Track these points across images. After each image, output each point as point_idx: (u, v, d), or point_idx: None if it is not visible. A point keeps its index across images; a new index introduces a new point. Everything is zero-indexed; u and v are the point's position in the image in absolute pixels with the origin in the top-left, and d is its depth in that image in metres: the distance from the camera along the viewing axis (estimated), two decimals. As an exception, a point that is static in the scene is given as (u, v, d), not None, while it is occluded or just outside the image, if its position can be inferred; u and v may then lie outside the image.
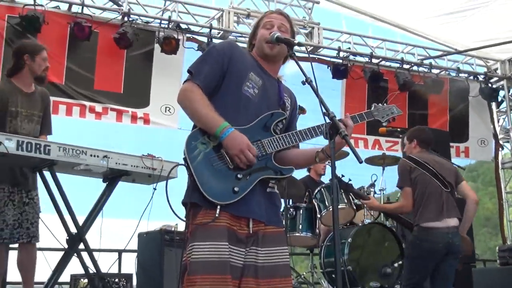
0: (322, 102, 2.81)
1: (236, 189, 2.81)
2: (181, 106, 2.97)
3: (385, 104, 3.37)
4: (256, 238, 2.87)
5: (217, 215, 2.76)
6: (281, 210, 3.95)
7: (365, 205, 6.34)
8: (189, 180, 2.86)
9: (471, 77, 10.25)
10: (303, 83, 2.90)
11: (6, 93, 4.81)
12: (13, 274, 5.24)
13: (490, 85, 10.26)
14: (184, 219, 2.92)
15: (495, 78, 10.50)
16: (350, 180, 6.05)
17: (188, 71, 2.98)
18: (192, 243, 2.79)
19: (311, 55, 9.15)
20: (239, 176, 2.83)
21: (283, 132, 3.08)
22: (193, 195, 2.81)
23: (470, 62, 10.33)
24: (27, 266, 4.85)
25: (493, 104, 10.57)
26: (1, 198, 4.69)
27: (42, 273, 4.97)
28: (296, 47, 7.99)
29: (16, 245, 4.97)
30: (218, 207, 2.76)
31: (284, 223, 5.98)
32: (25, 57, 4.88)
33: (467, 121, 10.17)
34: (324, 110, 2.80)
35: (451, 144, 9.61)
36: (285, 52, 3.12)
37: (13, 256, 5.04)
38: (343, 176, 6.16)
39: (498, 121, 10.66)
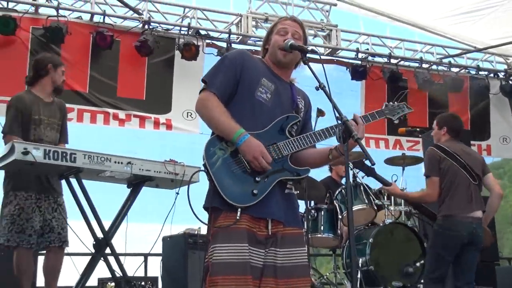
0: (335, 107, 2.91)
1: (255, 191, 2.92)
2: (199, 115, 3.10)
3: (395, 102, 3.45)
4: (275, 239, 2.98)
5: (238, 217, 2.87)
6: (300, 211, 4.03)
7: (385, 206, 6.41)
8: (210, 185, 2.97)
9: (491, 75, 10.18)
10: (317, 88, 3.00)
11: (29, 101, 5.03)
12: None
13: (510, 82, 10.19)
14: (206, 222, 3.04)
15: (516, 75, 10.42)
16: (374, 164, 6.00)
17: (203, 81, 3.09)
18: (213, 245, 2.90)
19: (329, 57, 9.25)
20: (257, 179, 2.94)
21: (298, 133, 3.19)
22: (214, 200, 2.92)
23: (490, 60, 10.25)
24: (53, 270, 5.02)
25: (515, 101, 10.49)
26: (28, 205, 4.88)
27: (70, 277, 5.13)
28: (314, 49, 8.03)
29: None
30: (239, 209, 2.87)
31: (305, 224, 6.09)
32: (49, 66, 5.14)
33: (488, 119, 10.12)
34: (337, 114, 2.88)
35: (473, 142, 9.62)
36: (298, 59, 3.24)
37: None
38: (366, 159, 6.12)
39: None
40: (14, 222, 4.83)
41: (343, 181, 7.64)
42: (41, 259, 5.84)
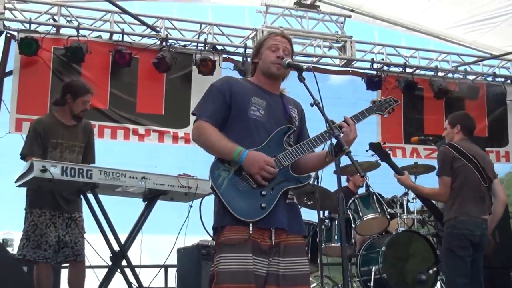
0: (327, 121, 3.05)
1: (263, 205, 3.09)
2: (197, 144, 3.27)
3: (382, 97, 3.58)
4: (278, 249, 3.14)
5: (251, 232, 3.03)
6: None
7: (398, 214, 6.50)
8: (218, 205, 3.14)
9: (508, 81, 10.20)
10: (311, 105, 3.14)
11: (48, 125, 5.31)
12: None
13: (528, 88, 10.20)
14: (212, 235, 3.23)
15: (533, 81, 10.40)
16: (390, 150, 5.95)
17: (193, 113, 3.29)
18: (219, 255, 3.08)
19: (344, 68, 9.38)
20: (263, 193, 3.11)
21: (295, 141, 3.35)
22: (224, 219, 3.10)
23: (507, 66, 10.26)
24: (76, 282, 5.24)
25: (532, 107, 10.46)
26: (42, 221, 5.14)
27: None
28: (329, 60, 8.18)
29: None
30: (251, 225, 3.04)
31: (318, 234, 6.21)
32: (67, 96, 5.37)
33: (506, 125, 10.10)
34: (329, 130, 3.03)
35: (491, 149, 9.67)
36: (287, 73, 3.41)
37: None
38: (384, 143, 6.10)
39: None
40: (29, 238, 5.13)
41: (360, 191, 7.75)
42: (64, 272, 6.11)
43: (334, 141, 3.10)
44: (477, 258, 5.25)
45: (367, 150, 6.03)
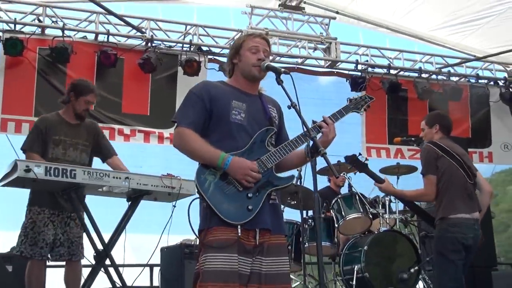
0: (304, 123, 3.11)
1: (250, 207, 3.15)
2: (179, 150, 3.30)
3: (358, 95, 3.65)
4: (261, 249, 3.20)
5: (239, 234, 3.09)
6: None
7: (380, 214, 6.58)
8: (205, 209, 3.18)
9: (491, 83, 10.32)
10: (289, 107, 3.20)
11: (51, 123, 5.38)
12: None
13: (510, 89, 10.31)
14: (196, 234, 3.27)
15: (516, 83, 10.54)
16: (367, 159, 5.97)
17: (173, 121, 3.32)
18: (205, 254, 3.13)
19: (329, 69, 9.46)
20: (249, 195, 3.18)
21: (276, 140, 3.42)
22: (212, 221, 3.14)
23: (490, 68, 10.38)
24: (72, 282, 5.27)
25: (515, 108, 10.59)
26: (41, 219, 5.18)
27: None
28: (314, 62, 8.22)
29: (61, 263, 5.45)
30: (239, 227, 3.10)
31: (301, 234, 6.27)
32: (71, 94, 5.45)
33: (489, 126, 10.22)
34: (306, 131, 3.09)
35: (474, 149, 9.80)
36: (266, 73, 3.42)
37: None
38: (360, 154, 5.96)
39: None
40: (27, 235, 5.16)
41: (342, 190, 7.82)
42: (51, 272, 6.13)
43: (311, 142, 3.15)
44: (468, 260, 5.20)
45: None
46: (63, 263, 5.41)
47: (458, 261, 5.08)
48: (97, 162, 5.68)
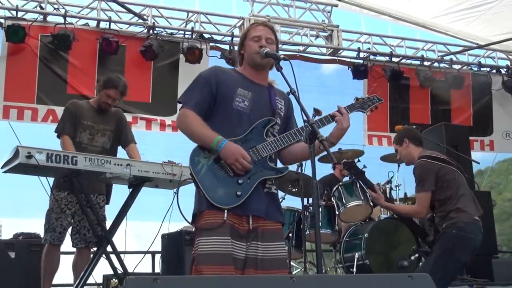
0: (303, 109, 3.11)
1: (238, 193, 3.17)
2: (180, 130, 3.36)
3: (366, 96, 3.65)
4: (256, 233, 3.22)
5: (225, 218, 3.12)
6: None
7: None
8: (197, 192, 3.24)
9: (494, 71, 10.30)
10: (288, 94, 3.21)
11: (81, 107, 5.56)
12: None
13: (513, 77, 10.32)
14: (189, 221, 3.32)
15: (518, 71, 10.53)
16: (365, 166, 5.89)
17: (178, 101, 3.37)
18: (198, 238, 3.17)
19: (331, 57, 9.46)
20: (239, 181, 3.20)
21: (281, 132, 3.42)
22: (201, 205, 3.19)
23: (492, 56, 10.37)
24: (81, 268, 5.32)
25: (517, 96, 10.58)
26: (58, 206, 5.26)
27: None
28: (316, 49, 8.24)
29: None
30: (226, 211, 3.12)
31: (302, 221, 6.30)
32: (100, 84, 5.69)
33: (490, 115, 10.22)
34: (304, 118, 3.10)
35: (475, 138, 9.80)
36: (272, 61, 3.42)
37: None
38: (359, 161, 6.06)
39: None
40: (48, 222, 5.28)
41: (345, 179, 7.83)
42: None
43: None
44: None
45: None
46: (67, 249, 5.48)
47: (463, 261, 5.11)
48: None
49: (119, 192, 5.54)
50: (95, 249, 5.21)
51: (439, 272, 4.98)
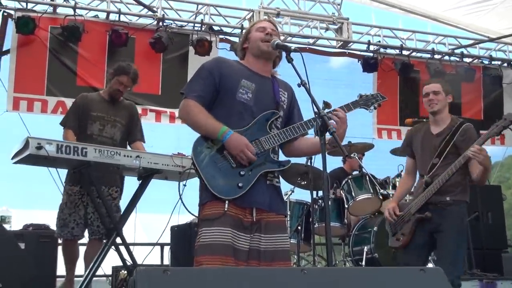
0: (313, 101, 3.10)
1: (240, 184, 3.17)
2: (183, 121, 3.38)
3: (370, 92, 3.64)
4: (259, 225, 3.22)
5: (226, 209, 3.12)
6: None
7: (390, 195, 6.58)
8: (200, 182, 3.24)
9: (505, 64, 10.23)
10: (299, 85, 3.19)
11: (90, 100, 5.59)
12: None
13: (524, 71, 10.25)
14: (196, 214, 3.32)
15: (530, 64, 10.45)
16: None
17: (181, 93, 3.37)
18: (200, 229, 3.19)
19: (341, 50, 9.42)
20: (241, 173, 3.20)
21: (284, 124, 3.42)
22: (204, 196, 3.21)
23: (504, 49, 10.29)
24: (92, 258, 5.33)
25: (529, 90, 10.50)
26: (72, 200, 5.31)
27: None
28: (326, 42, 8.22)
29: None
30: (226, 201, 3.12)
31: (311, 214, 6.29)
32: (111, 73, 5.68)
33: (501, 108, 10.10)
34: (315, 109, 3.08)
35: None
36: (276, 52, 3.44)
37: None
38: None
39: (534, 107, 10.52)
40: (59, 217, 5.34)
41: (355, 172, 7.80)
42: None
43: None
44: None
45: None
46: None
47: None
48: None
49: (129, 184, 5.55)
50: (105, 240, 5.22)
51: (460, 256, 4.66)
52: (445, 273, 2.20)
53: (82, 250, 5.59)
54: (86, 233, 5.44)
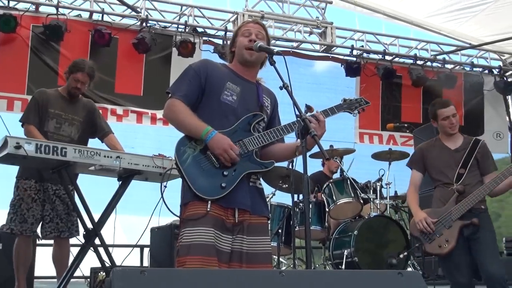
0: (295, 104, 3.09)
1: (223, 185, 3.14)
2: (168, 120, 3.34)
3: (354, 97, 3.65)
4: (241, 227, 3.20)
5: (208, 209, 3.09)
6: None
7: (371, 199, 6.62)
8: (182, 182, 3.22)
9: (486, 71, 10.35)
10: (281, 88, 3.18)
11: (48, 96, 5.41)
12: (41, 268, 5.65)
13: (505, 78, 10.35)
14: (177, 215, 3.29)
15: (510, 71, 10.56)
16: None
17: (167, 92, 3.34)
18: (183, 229, 3.15)
19: (324, 54, 9.44)
20: (225, 173, 3.17)
21: (265, 129, 3.41)
22: (186, 196, 3.18)
23: (485, 56, 10.40)
24: (60, 259, 5.27)
25: (509, 97, 10.59)
26: (28, 195, 5.16)
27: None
28: (309, 46, 8.32)
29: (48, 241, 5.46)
30: (209, 202, 3.10)
31: (292, 217, 6.28)
32: (66, 71, 5.53)
33: (482, 115, 10.26)
34: (297, 112, 3.08)
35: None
36: (263, 58, 3.43)
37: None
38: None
39: (516, 114, 10.65)
40: (16, 212, 5.15)
41: (334, 176, 7.82)
42: (40, 250, 6.15)
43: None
44: None
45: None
46: (51, 241, 5.42)
47: None
48: (95, 141, 5.68)
49: (108, 185, 5.48)
50: (79, 241, 5.15)
51: (498, 255, 4.94)
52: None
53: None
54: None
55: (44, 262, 6.10)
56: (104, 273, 5.30)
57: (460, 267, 4.76)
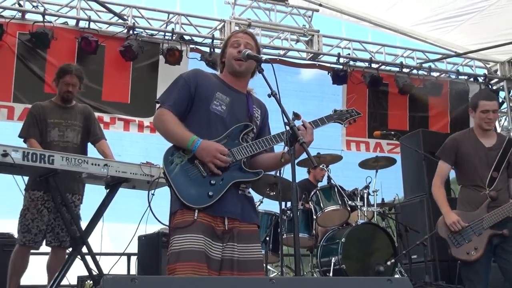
0: (283, 112, 3.10)
1: (210, 193, 3.14)
2: (157, 129, 3.35)
3: (345, 107, 3.66)
4: (232, 234, 3.20)
5: (195, 217, 3.09)
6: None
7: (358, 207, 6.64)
8: (170, 191, 3.21)
9: (471, 79, 10.45)
10: (269, 95, 3.18)
11: (44, 108, 5.45)
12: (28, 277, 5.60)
13: (490, 86, 10.46)
14: (165, 224, 3.28)
15: (495, 80, 10.69)
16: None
17: (156, 102, 3.35)
18: (172, 237, 3.15)
19: (311, 62, 9.49)
20: (212, 182, 3.17)
21: (255, 139, 3.40)
22: (175, 205, 3.18)
23: (470, 64, 10.52)
24: (55, 268, 5.23)
25: (494, 105, 10.67)
26: (34, 206, 5.16)
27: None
28: (296, 54, 8.38)
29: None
30: (196, 210, 3.10)
31: (280, 225, 6.28)
32: (55, 78, 5.56)
33: (468, 122, 10.27)
34: (285, 120, 3.09)
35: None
36: (253, 68, 3.43)
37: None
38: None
39: (500, 122, 10.72)
40: (22, 222, 5.16)
41: (320, 184, 7.84)
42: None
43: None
44: None
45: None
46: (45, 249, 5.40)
47: None
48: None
49: (96, 193, 5.46)
50: (70, 249, 5.13)
51: None
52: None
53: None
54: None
55: (31, 270, 6.06)
56: (91, 282, 5.27)
57: (481, 275, 4.68)
